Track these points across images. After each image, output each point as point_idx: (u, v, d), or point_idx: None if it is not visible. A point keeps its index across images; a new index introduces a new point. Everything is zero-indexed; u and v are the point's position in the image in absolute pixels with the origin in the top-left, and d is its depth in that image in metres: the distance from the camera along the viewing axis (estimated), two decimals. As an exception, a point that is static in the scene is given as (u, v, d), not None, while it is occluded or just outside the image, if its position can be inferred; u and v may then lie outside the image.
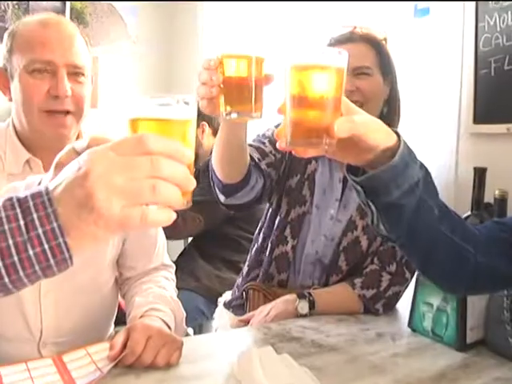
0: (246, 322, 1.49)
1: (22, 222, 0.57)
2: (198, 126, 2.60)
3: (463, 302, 1.22)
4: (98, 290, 1.34)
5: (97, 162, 0.58)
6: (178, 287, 1.44)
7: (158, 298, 1.29)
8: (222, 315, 1.69)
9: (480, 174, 1.47)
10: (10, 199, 0.59)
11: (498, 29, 1.63)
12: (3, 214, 0.58)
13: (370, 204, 0.88)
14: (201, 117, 2.58)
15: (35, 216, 0.57)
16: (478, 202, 1.45)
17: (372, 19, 2.11)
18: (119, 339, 1.09)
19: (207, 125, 2.60)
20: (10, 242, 0.57)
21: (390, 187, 0.84)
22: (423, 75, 1.94)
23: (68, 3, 3.28)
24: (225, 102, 0.99)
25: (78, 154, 0.83)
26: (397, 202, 0.86)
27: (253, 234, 1.85)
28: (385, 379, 1.07)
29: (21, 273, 0.58)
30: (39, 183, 0.80)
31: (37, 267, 0.58)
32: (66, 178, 0.59)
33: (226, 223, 2.30)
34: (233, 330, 1.49)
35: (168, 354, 1.08)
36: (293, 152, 0.85)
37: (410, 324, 1.35)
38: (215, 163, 1.34)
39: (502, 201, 1.38)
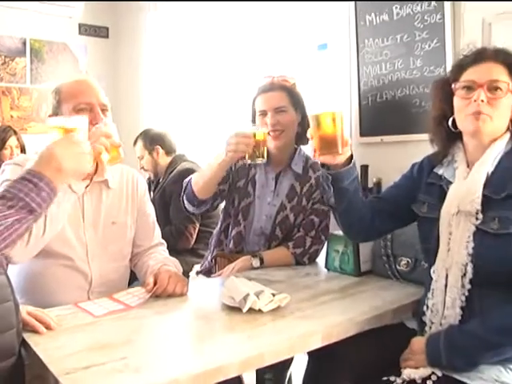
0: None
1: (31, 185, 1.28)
2: (153, 149, 3.26)
3: (357, 247, 1.99)
4: (123, 260, 1.96)
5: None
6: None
7: (165, 259, 1.94)
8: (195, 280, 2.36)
9: (364, 169, 2.28)
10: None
11: (372, 75, 2.42)
12: (20, 184, 1.27)
13: (330, 186, 1.65)
14: (154, 141, 3.28)
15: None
16: (364, 188, 2.25)
17: (287, 51, 2.93)
18: (151, 279, 1.74)
19: (160, 147, 3.26)
20: (33, 194, 1.27)
21: (344, 178, 1.63)
22: (326, 105, 2.66)
23: (28, 43, 3.83)
24: (249, 155, 1.95)
25: None
26: (345, 186, 1.64)
27: (209, 228, 2.58)
28: (312, 291, 1.80)
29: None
30: None
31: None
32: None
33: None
34: (212, 278, 2.18)
35: (182, 286, 1.74)
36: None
37: (326, 266, 2.11)
38: (200, 186, 2.12)
39: (378, 185, 2.18)
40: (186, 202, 2.22)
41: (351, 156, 1.65)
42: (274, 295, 1.58)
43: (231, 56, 3.45)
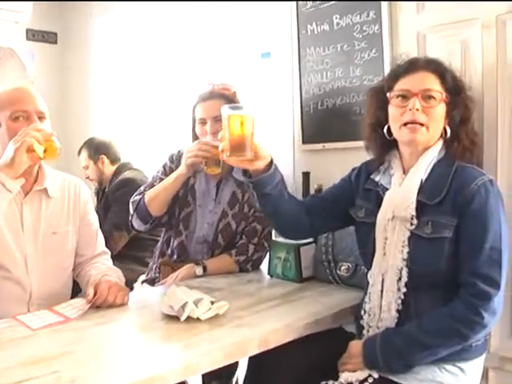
0: (162, 286, 2.16)
1: None
2: (98, 159, 3.20)
3: (298, 253, 2.01)
4: (64, 271, 1.93)
5: None
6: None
7: (107, 269, 1.91)
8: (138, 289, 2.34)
9: (306, 176, 2.30)
10: None
11: (313, 83, 2.45)
12: None
13: (253, 192, 1.65)
14: (99, 150, 3.23)
15: None
16: (306, 194, 2.28)
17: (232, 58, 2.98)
18: (91, 290, 1.71)
19: (105, 156, 3.22)
20: None
21: (266, 184, 1.62)
22: (270, 112, 2.69)
23: (-27, 49, 3.73)
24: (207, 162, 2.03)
25: None
26: (268, 192, 1.64)
27: (156, 236, 2.56)
28: (253, 298, 1.81)
29: None
30: None
31: None
32: None
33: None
34: (155, 287, 2.17)
35: (122, 297, 1.73)
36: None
37: (269, 272, 2.13)
38: (155, 203, 2.16)
39: (319, 191, 2.21)
40: (137, 221, 2.21)
41: (271, 161, 1.64)
42: (212, 303, 1.59)
43: (177, 63, 3.46)
